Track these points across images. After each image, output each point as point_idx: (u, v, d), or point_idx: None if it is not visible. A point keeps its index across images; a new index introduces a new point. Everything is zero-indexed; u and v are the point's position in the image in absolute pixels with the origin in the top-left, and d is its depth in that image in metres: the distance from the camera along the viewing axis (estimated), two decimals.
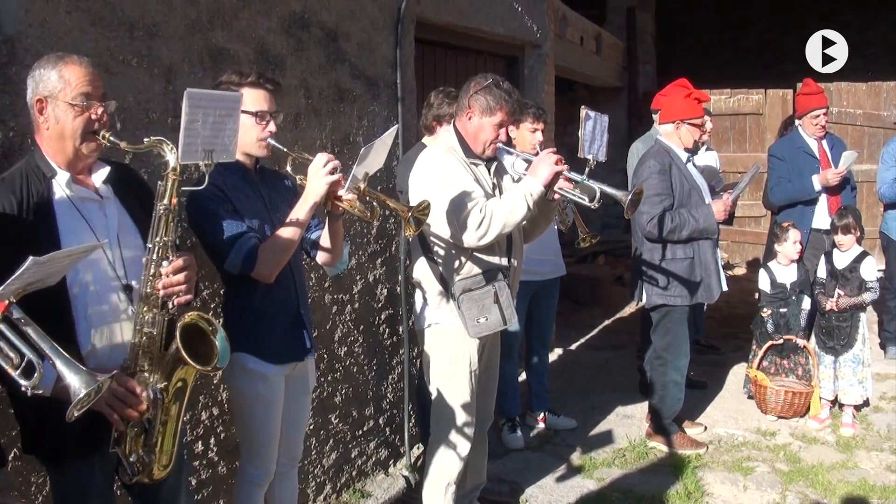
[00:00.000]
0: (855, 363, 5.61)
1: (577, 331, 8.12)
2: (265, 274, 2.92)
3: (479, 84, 3.62)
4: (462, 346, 3.70)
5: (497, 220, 3.45)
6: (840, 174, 6.06)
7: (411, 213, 2.98)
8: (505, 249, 3.73)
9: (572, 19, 9.26)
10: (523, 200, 3.45)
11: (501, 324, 3.62)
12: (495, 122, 3.60)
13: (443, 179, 3.53)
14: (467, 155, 3.67)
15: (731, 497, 4.68)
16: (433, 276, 3.68)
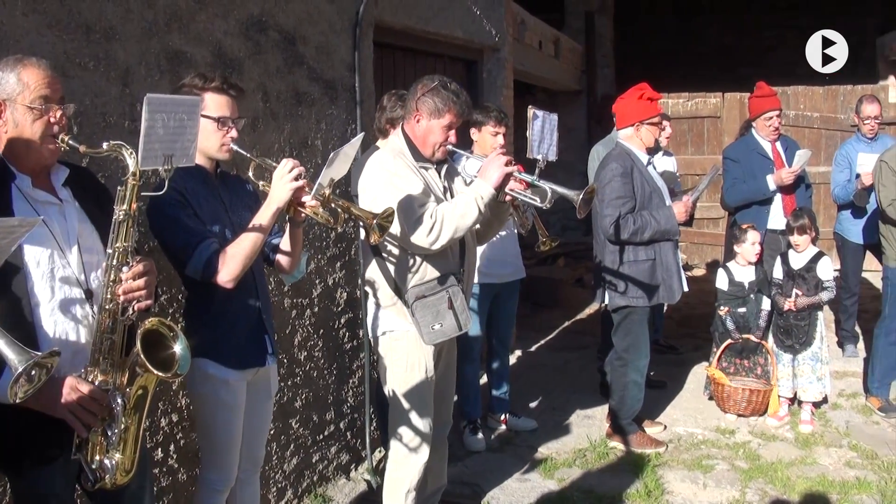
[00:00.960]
0: (813, 361, 5.70)
1: (537, 332, 8.16)
2: (226, 280, 2.88)
3: (427, 86, 3.57)
4: (417, 353, 3.67)
5: (448, 224, 3.42)
6: (794, 173, 6.15)
7: (376, 220, 2.97)
8: (458, 254, 3.71)
9: (531, 23, 9.32)
10: (474, 204, 3.43)
11: (457, 329, 3.59)
12: (444, 123, 3.57)
13: (391, 185, 3.48)
14: (416, 159, 3.63)
15: (690, 495, 4.73)
16: (386, 283, 3.64)
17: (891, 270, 5.80)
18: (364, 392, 4.91)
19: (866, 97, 6.91)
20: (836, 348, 7.25)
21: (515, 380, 6.35)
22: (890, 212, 5.61)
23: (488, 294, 5.28)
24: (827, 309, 7.32)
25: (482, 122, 5.08)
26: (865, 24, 13.23)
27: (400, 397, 3.71)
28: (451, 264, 3.66)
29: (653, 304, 5.15)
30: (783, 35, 15.08)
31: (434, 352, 3.74)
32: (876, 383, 5.99)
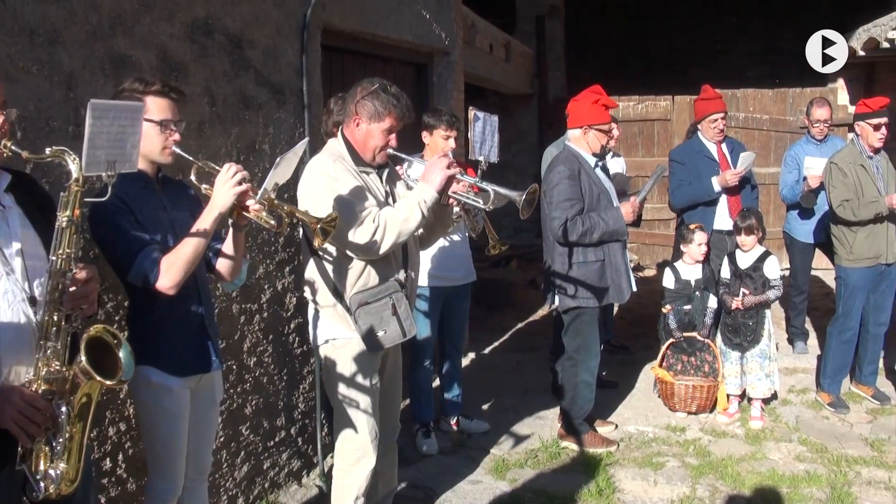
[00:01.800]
0: (762, 358, 5.80)
1: (490, 334, 8.18)
2: (167, 286, 2.85)
3: (366, 89, 3.55)
4: (361, 360, 3.65)
5: (391, 229, 3.40)
6: (738, 175, 6.25)
7: (320, 224, 2.96)
8: (401, 260, 3.69)
9: (481, 27, 9.36)
10: (417, 208, 3.41)
11: (401, 336, 3.57)
12: (384, 127, 3.55)
13: (332, 189, 3.44)
14: (357, 163, 3.61)
15: (641, 492, 4.78)
16: (327, 291, 3.61)
17: (843, 270, 5.91)
18: (315, 397, 4.88)
19: (817, 100, 7.04)
20: (787, 345, 7.37)
21: (468, 382, 6.35)
22: (840, 212, 5.72)
23: (440, 297, 5.29)
24: (777, 306, 7.47)
25: (434, 125, 5.08)
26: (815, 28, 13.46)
27: (345, 404, 3.68)
28: (395, 270, 3.64)
29: (602, 304, 5.20)
30: (734, 39, 15.33)
31: (379, 357, 3.72)
32: (828, 379, 6.11)
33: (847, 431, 5.66)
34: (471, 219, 4.90)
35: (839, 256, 5.93)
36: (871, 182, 5.69)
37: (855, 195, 5.67)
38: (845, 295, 5.94)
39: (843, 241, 5.84)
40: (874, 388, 6.18)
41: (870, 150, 5.77)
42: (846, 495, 4.64)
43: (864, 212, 5.62)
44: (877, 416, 5.89)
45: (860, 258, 5.78)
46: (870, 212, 5.61)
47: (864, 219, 5.65)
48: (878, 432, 5.59)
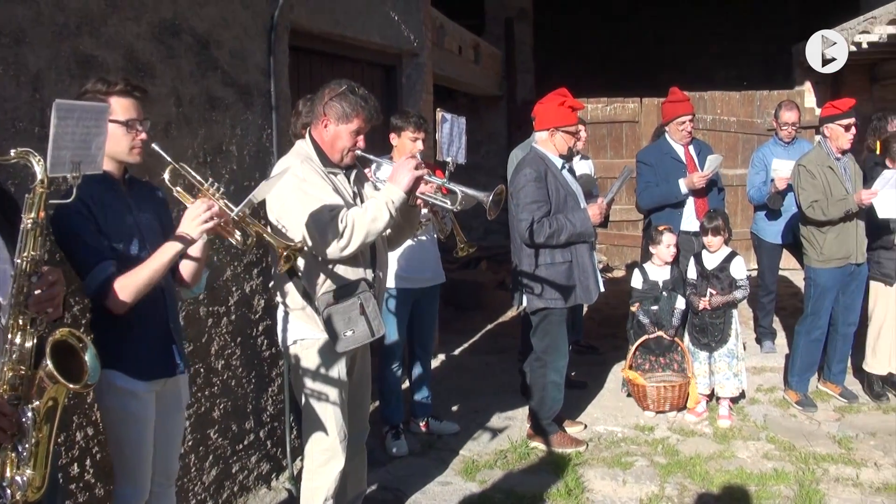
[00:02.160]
0: (729, 358, 5.84)
1: (460, 336, 8.19)
2: (116, 308, 2.85)
3: (334, 91, 3.57)
4: (330, 360, 3.66)
5: (359, 229, 3.41)
6: (705, 177, 6.30)
7: (287, 251, 2.96)
8: (369, 260, 3.70)
9: (450, 29, 9.36)
10: (385, 208, 3.42)
11: (369, 336, 3.58)
12: (352, 128, 3.57)
13: (300, 190, 3.46)
14: (325, 164, 3.62)
15: (610, 492, 4.80)
16: (295, 291, 3.61)
17: (813, 271, 5.97)
18: (283, 400, 4.86)
19: (785, 103, 7.12)
20: (755, 344, 7.45)
21: (438, 383, 6.37)
22: (811, 213, 5.79)
23: (408, 299, 5.29)
24: (745, 306, 7.56)
25: (401, 127, 5.08)
26: (783, 31, 13.65)
27: (314, 406, 3.68)
28: (363, 269, 3.66)
29: (570, 305, 5.22)
30: (702, 42, 15.46)
31: (347, 358, 3.73)
32: (795, 378, 6.18)
33: (815, 429, 5.72)
34: (439, 221, 4.91)
35: (809, 257, 5.99)
36: (839, 183, 5.77)
37: (824, 196, 5.74)
38: (815, 295, 6.00)
39: (813, 243, 5.91)
40: (842, 387, 6.25)
41: (837, 152, 5.85)
42: (814, 493, 4.69)
43: (833, 210, 5.69)
44: (844, 414, 5.97)
45: (830, 259, 5.85)
46: (840, 210, 5.68)
47: (834, 218, 5.71)
48: (846, 430, 5.66)
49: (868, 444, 5.43)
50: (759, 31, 14.96)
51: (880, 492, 4.75)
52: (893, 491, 4.74)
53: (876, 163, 6.22)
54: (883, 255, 5.94)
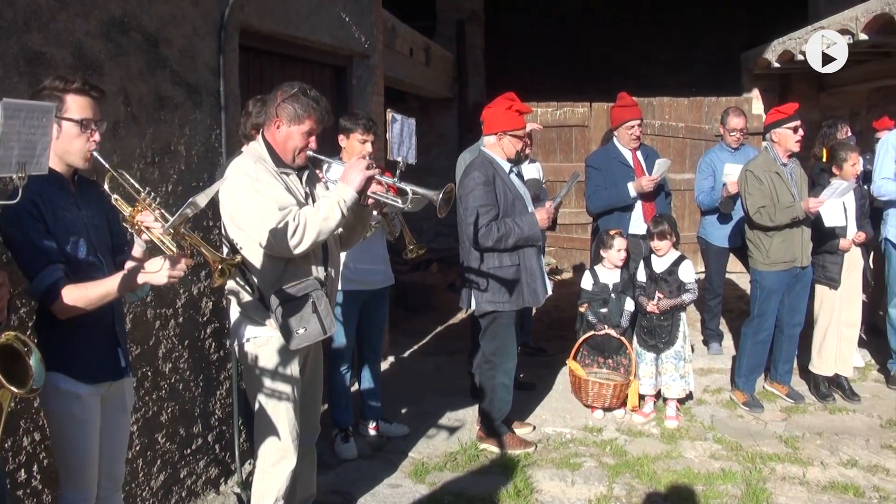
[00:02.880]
0: (676, 359, 5.92)
1: (410, 338, 8.18)
2: (61, 314, 2.83)
3: (286, 92, 3.61)
4: (282, 358, 3.67)
5: (311, 228, 3.44)
6: (654, 181, 6.39)
7: (222, 264, 2.94)
8: (321, 258, 3.74)
9: (401, 31, 9.36)
10: (337, 207, 3.46)
11: (321, 333, 3.62)
12: (304, 129, 3.61)
13: (253, 189, 3.48)
14: (277, 164, 3.65)
15: (559, 492, 4.83)
16: (248, 289, 3.62)
17: (759, 273, 6.08)
18: (232, 403, 4.81)
19: (733, 109, 7.25)
20: (702, 346, 7.58)
21: (388, 386, 6.36)
22: (758, 219, 5.89)
23: (357, 301, 5.27)
24: (693, 309, 7.66)
25: (350, 129, 5.07)
26: (732, 39, 13.86)
27: (265, 404, 3.68)
28: (315, 268, 3.69)
29: (518, 308, 5.24)
30: (652, 48, 15.64)
31: (299, 357, 3.74)
32: (742, 379, 6.29)
33: (762, 429, 5.82)
34: (388, 222, 4.92)
35: (755, 260, 6.10)
36: (785, 188, 5.88)
37: (771, 201, 5.85)
38: (761, 297, 6.11)
39: (759, 246, 6.02)
40: (788, 387, 6.38)
41: (783, 158, 5.96)
42: (761, 491, 4.77)
43: (780, 217, 5.80)
44: (791, 415, 6.08)
45: (776, 262, 5.96)
46: (787, 217, 5.80)
47: (780, 223, 5.83)
48: (793, 430, 5.77)
49: (814, 443, 5.54)
50: (708, 39, 15.17)
51: (826, 490, 4.85)
52: (840, 489, 4.84)
53: (822, 169, 6.37)
54: (828, 260, 6.08)
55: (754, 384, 6.33)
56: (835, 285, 6.10)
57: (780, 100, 11.18)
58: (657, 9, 15.61)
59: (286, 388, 3.69)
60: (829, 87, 11.23)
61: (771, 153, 6.01)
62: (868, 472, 5.09)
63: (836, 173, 6.06)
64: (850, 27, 8.06)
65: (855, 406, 6.21)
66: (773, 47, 10.33)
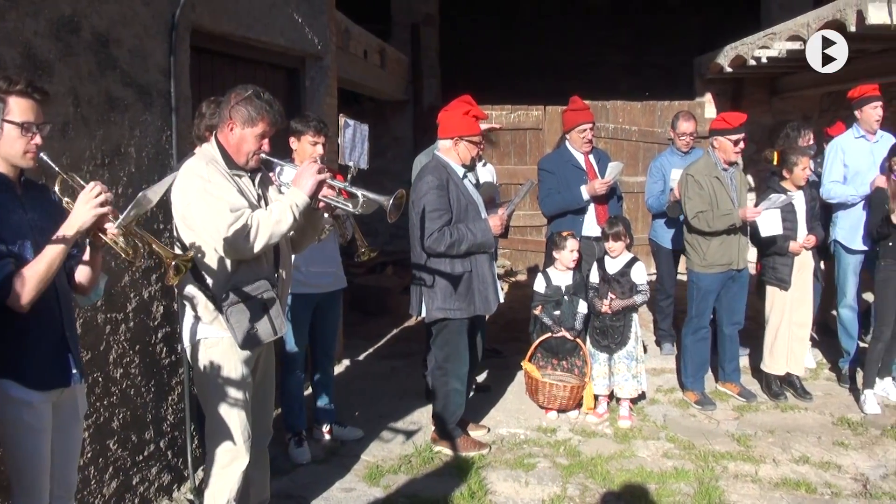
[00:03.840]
0: (629, 360, 5.98)
1: (365, 341, 8.16)
2: (19, 304, 2.77)
3: (240, 95, 3.62)
4: (233, 359, 3.67)
5: (264, 230, 3.46)
6: (606, 184, 6.45)
7: (176, 261, 2.92)
8: (272, 260, 3.76)
9: (355, 32, 9.33)
10: (289, 211, 3.50)
11: (272, 334, 3.64)
12: (257, 132, 3.63)
13: (205, 191, 3.49)
14: (230, 166, 3.66)
15: (513, 493, 4.85)
16: (199, 290, 3.63)
17: (695, 274, 6.20)
18: (184, 409, 4.76)
19: (682, 114, 7.36)
20: (655, 347, 7.68)
21: (342, 389, 6.34)
22: (695, 223, 5.99)
23: (309, 304, 5.24)
24: (645, 310, 7.74)
25: (301, 131, 5.04)
26: (685, 44, 14.03)
27: (217, 406, 3.67)
28: (266, 270, 3.70)
29: (468, 316, 5.25)
30: (606, 52, 15.78)
31: (251, 358, 3.74)
32: (689, 378, 6.38)
33: (714, 428, 5.90)
34: (340, 225, 4.91)
35: (692, 262, 6.22)
36: (725, 193, 5.99)
37: (710, 206, 5.95)
38: (697, 298, 6.23)
39: (697, 249, 6.12)
40: (739, 386, 6.48)
41: (724, 163, 6.06)
42: (713, 489, 4.84)
43: (718, 223, 5.93)
44: (743, 413, 6.17)
45: (712, 265, 6.08)
46: (724, 223, 5.92)
47: (717, 230, 5.94)
48: (745, 428, 5.86)
49: (766, 441, 5.63)
50: (662, 43, 15.34)
51: (779, 487, 4.93)
52: (792, 486, 4.92)
53: (773, 172, 6.47)
54: (778, 261, 6.18)
55: (703, 382, 6.42)
56: (785, 286, 6.20)
57: (732, 104, 11.38)
58: (612, 13, 15.76)
59: (237, 389, 3.68)
60: (782, 91, 11.45)
61: (712, 157, 6.12)
62: (820, 468, 5.19)
63: (786, 176, 6.17)
64: (801, 33, 8.22)
65: (807, 404, 6.31)
66: (726, 52, 10.50)
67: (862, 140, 6.66)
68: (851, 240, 6.62)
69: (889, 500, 4.75)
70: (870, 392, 6.15)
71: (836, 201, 6.65)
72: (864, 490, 4.88)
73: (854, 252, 6.64)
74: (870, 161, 6.52)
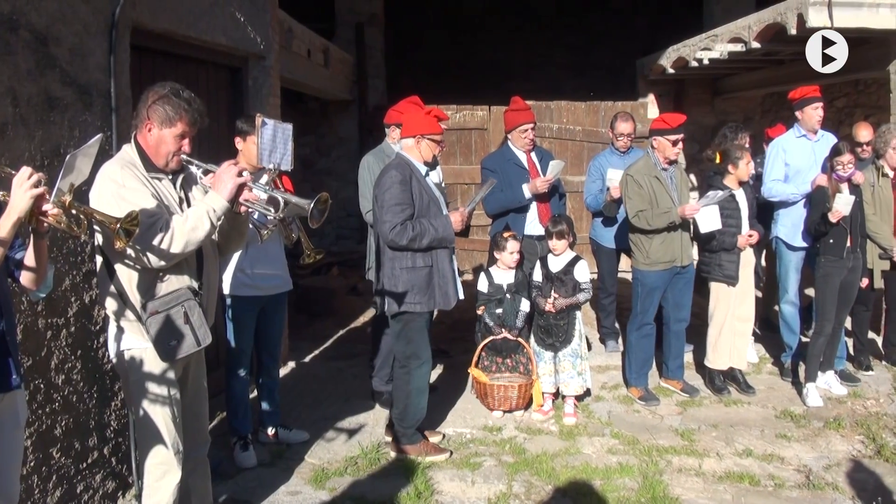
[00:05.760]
0: (573, 357, 6.04)
1: (310, 343, 8.10)
2: None
3: (157, 94, 3.51)
4: (158, 371, 3.57)
5: (179, 238, 3.36)
6: (548, 181, 6.52)
7: (120, 225, 2.86)
8: (194, 268, 3.64)
9: (298, 32, 9.26)
10: (206, 217, 3.39)
11: (195, 345, 3.53)
12: (176, 132, 3.51)
13: (119, 196, 3.37)
14: (148, 169, 3.54)
15: (459, 493, 4.87)
16: (120, 300, 3.51)
17: (639, 272, 6.30)
18: (128, 415, 4.68)
19: (621, 115, 7.46)
20: (599, 344, 7.78)
21: (288, 391, 6.30)
22: (636, 222, 6.08)
23: (254, 306, 5.20)
24: (590, 307, 7.82)
25: (247, 131, 4.98)
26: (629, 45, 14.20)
27: (146, 418, 3.58)
28: (188, 278, 3.59)
29: (430, 310, 5.27)
30: (551, 53, 15.89)
31: (178, 368, 3.65)
32: (634, 375, 6.47)
33: (658, 423, 5.99)
34: (285, 227, 4.86)
35: (636, 260, 6.32)
36: (665, 193, 6.09)
37: (650, 206, 6.04)
38: (642, 295, 6.33)
39: (641, 247, 6.22)
40: (682, 382, 6.58)
41: (664, 163, 6.16)
42: (657, 483, 4.91)
43: (657, 221, 6.03)
44: (686, 408, 6.27)
45: (656, 262, 6.18)
46: (663, 222, 6.02)
47: (657, 227, 6.03)
48: (688, 423, 5.95)
49: (710, 435, 5.73)
50: (607, 44, 15.50)
51: (722, 480, 5.02)
52: (735, 479, 5.01)
53: (715, 172, 6.59)
54: (724, 258, 6.29)
55: (646, 378, 6.52)
56: (733, 282, 6.32)
57: (675, 104, 11.56)
58: (557, 14, 15.87)
59: (164, 401, 3.58)
60: (724, 92, 11.67)
61: (652, 158, 6.22)
62: (763, 460, 5.29)
63: (731, 172, 6.29)
64: (742, 35, 8.39)
65: (750, 398, 6.44)
66: (668, 54, 10.66)
67: (803, 139, 6.81)
68: (793, 237, 6.76)
69: (831, 490, 4.87)
70: (812, 385, 6.29)
71: (778, 199, 6.79)
72: (807, 481, 4.99)
73: (795, 249, 6.79)
74: (811, 160, 6.67)
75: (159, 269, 3.46)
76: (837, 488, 4.89)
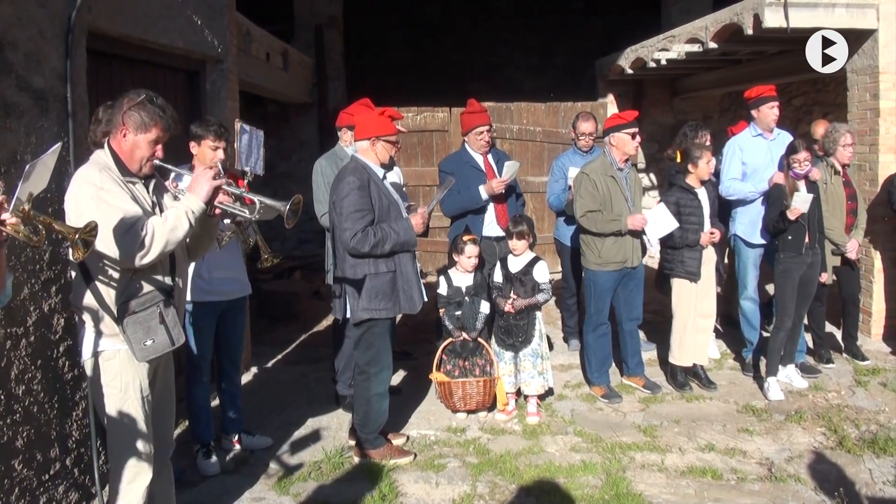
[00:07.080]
0: (534, 357, 6.07)
1: (273, 347, 8.07)
2: None
3: (132, 100, 3.57)
4: (131, 372, 3.59)
5: (159, 238, 3.41)
6: (504, 182, 6.58)
7: (78, 235, 2.83)
8: (168, 269, 3.69)
9: (257, 34, 9.21)
10: (185, 217, 3.46)
11: (169, 345, 3.58)
12: (150, 138, 3.59)
13: (98, 199, 3.41)
14: (123, 173, 3.59)
15: (424, 494, 4.87)
16: (94, 301, 3.53)
17: (591, 272, 6.37)
18: (89, 424, 4.62)
19: (582, 114, 7.52)
20: (562, 343, 7.83)
21: (251, 397, 6.27)
22: (584, 223, 6.16)
23: (213, 312, 5.17)
24: (553, 307, 7.86)
25: (201, 135, 4.94)
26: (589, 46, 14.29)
27: (116, 420, 3.58)
28: (162, 278, 3.64)
29: (394, 315, 5.25)
30: (511, 54, 15.95)
31: (149, 370, 3.66)
32: (595, 374, 6.53)
33: (620, 420, 6.04)
34: (242, 232, 4.85)
35: (587, 260, 6.37)
36: (619, 193, 6.16)
37: (601, 206, 6.09)
38: (594, 295, 6.40)
39: (592, 247, 6.29)
40: (644, 379, 6.66)
41: (620, 163, 6.23)
42: (620, 480, 4.95)
43: (604, 227, 6.12)
44: (648, 405, 6.33)
45: (607, 262, 6.25)
46: (610, 229, 6.11)
47: (604, 232, 6.09)
48: (651, 419, 6.01)
49: (672, 431, 5.79)
50: (566, 46, 15.60)
51: (685, 475, 5.07)
52: (698, 473, 5.07)
53: (677, 171, 6.67)
54: (686, 255, 6.36)
55: (608, 376, 6.58)
56: (695, 279, 6.40)
57: (634, 104, 11.69)
58: (516, 15, 15.94)
59: (136, 402, 3.61)
60: (682, 92, 11.81)
61: (608, 157, 6.29)
62: (725, 455, 5.36)
63: (691, 171, 6.36)
64: (700, 36, 8.49)
65: (712, 393, 6.52)
66: (626, 54, 10.77)
67: (759, 138, 6.91)
68: (751, 234, 6.87)
69: (794, 481, 4.94)
70: (773, 379, 6.39)
71: (736, 197, 6.89)
72: (770, 474, 5.06)
73: (754, 246, 6.90)
74: (767, 158, 6.78)
75: (136, 269, 3.49)
76: (800, 480, 4.96)
